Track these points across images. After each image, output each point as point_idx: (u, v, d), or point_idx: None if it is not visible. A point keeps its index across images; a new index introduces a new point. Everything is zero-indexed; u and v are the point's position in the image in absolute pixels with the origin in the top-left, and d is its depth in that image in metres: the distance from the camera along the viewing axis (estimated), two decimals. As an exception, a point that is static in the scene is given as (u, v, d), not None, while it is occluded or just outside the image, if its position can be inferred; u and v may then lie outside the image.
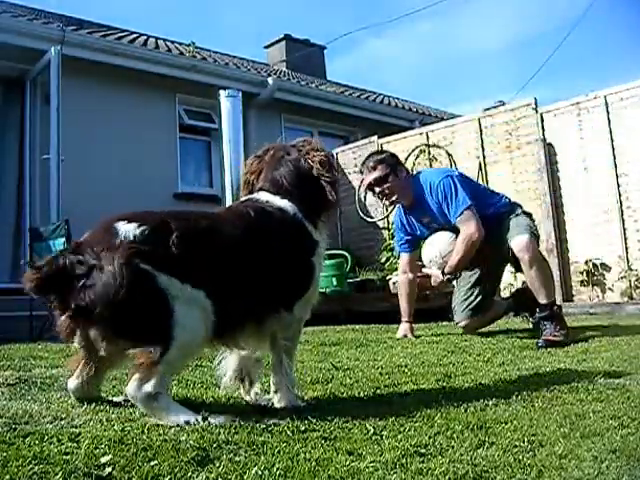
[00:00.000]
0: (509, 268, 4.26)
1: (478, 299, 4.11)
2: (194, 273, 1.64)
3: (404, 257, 4.24)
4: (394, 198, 4.02)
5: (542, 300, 3.67)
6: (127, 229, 1.64)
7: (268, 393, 1.98)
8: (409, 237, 4.16)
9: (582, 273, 6.43)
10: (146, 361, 1.56)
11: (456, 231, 3.81)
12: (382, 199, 4.09)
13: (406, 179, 4.03)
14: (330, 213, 2.01)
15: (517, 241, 3.68)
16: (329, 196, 1.95)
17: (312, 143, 2.03)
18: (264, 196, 1.96)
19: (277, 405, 1.86)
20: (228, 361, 1.99)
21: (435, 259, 3.90)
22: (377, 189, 3.98)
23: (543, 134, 6.94)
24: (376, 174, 3.96)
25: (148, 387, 1.56)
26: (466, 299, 4.15)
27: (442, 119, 10.63)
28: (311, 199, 1.95)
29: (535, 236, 3.79)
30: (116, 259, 1.56)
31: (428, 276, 4.03)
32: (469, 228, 3.72)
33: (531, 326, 4.12)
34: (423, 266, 4.12)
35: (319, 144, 2.04)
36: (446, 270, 3.80)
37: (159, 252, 1.62)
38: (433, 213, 3.92)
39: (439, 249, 3.88)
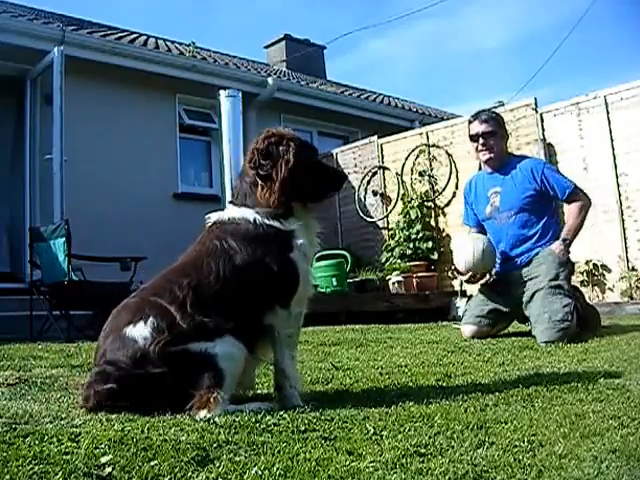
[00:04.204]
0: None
1: (493, 313, 4.06)
2: (211, 326, 1.79)
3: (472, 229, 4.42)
4: (491, 155, 4.17)
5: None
6: (141, 333, 1.77)
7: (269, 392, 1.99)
8: (475, 217, 4.33)
9: (582, 273, 6.42)
10: (212, 399, 1.72)
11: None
12: (479, 152, 4.23)
13: (504, 144, 4.29)
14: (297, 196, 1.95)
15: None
16: (262, 187, 1.92)
17: (262, 133, 2.00)
18: (226, 213, 2.00)
19: (278, 404, 1.86)
20: None
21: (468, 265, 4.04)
22: (482, 140, 4.16)
23: (543, 134, 6.94)
24: (487, 127, 4.17)
25: (218, 410, 1.72)
26: (482, 306, 4.08)
27: (442, 119, 10.64)
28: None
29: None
30: (154, 362, 1.73)
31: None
32: (583, 199, 4.01)
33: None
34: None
35: (270, 130, 1.99)
36: (566, 235, 3.92)
37: (176, 332, 1.76)
38: (507, 185, 4.09)
39: (465, 258, 4.03)
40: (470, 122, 4.30)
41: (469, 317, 4.11)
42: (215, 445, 1.39)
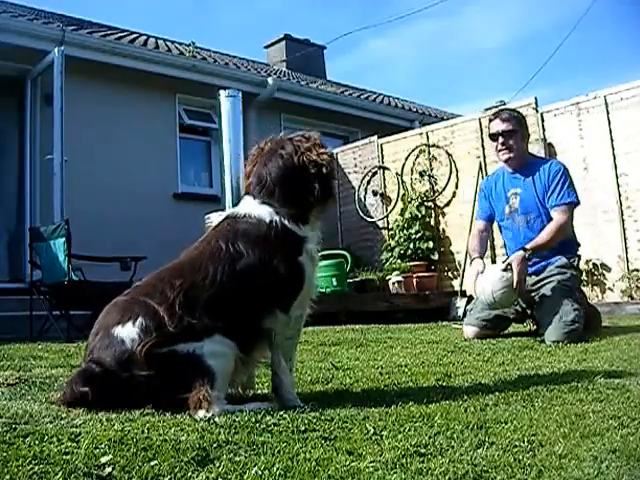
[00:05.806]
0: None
1: (498, 318, 4.01)
2: (199, 328, 1.77)
3: (480, 223, 4.26)
4: (510, 155, 4.02)
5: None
6: (129, 334, 1.76)
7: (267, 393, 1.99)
8: (489, 211, 4.22)
9: (582, 273, 6.41)
10: (203, 397, 1.71)
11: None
12: (498, 151, 4.11)
13: (525, 144, 4.15)
14: (322, 208, 1.98)
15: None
16: (318, 193, 1.92)
17: (310, 139, 1.99)
18: (243, 207, 1.97)
19: (276, 405, 1.86)
20: None
21: (487, 294, 3.69)
22: (501, 139, 4.03)
23: (543, 134, 6.94)
24: (508, 126, 4.03)
25: (216, 409, 1.71)
26: (489, 310, 3.97)
27: (442, 119, 10.64)
28: (297, 196, 1.93)
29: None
30: (140, 364, 1.72)
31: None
32: (563, 218, 3.83)
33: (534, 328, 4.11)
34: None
35: (317, 140, 2.00)
36: (529, 246, 3.73)
37: (164, 333, 1.75)
38: (528, 188, 3.99)
39: (492, 285, 3.66)
40: (490, 120, 4.22)
41: (473, 319, 4.06)
42: (215, 445, 1.39)
